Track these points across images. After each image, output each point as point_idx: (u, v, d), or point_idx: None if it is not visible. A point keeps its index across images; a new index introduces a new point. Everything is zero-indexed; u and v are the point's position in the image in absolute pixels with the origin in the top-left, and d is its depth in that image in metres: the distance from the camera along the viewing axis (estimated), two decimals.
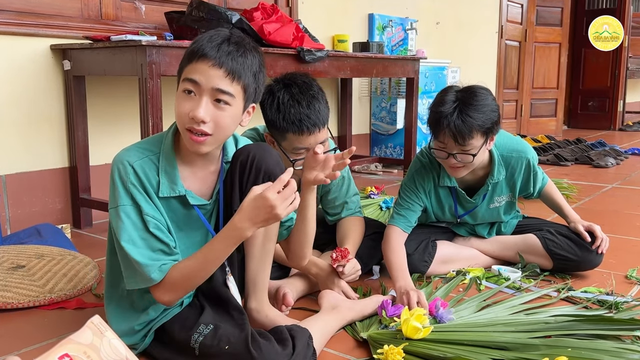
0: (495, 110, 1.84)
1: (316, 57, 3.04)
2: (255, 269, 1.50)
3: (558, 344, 1.45)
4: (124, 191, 1.33)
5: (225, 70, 1.29)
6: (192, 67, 1.30)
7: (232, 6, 3.41)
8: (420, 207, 2.04)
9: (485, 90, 1.86)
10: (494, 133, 1.87)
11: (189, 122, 1.30)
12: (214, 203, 1.47)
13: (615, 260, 2.23)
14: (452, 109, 1.79)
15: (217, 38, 1.31)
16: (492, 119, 1.82)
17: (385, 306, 1.64)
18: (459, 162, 1.86)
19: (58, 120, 2.73)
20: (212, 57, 1.28)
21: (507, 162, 2.02)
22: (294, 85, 1.75)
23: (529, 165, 2.04)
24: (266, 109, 1.76)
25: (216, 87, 1.29)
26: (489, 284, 1.99)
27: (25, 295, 1.82)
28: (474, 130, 1.79)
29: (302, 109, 1.71)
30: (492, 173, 1.99)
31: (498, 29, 6.38)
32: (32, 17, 2.61)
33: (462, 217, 2.11)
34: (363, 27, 4.56)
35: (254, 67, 1.35)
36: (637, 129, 7.84)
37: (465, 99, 1.81)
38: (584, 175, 4.34)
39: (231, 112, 1.33)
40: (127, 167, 1.34)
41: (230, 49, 1.30)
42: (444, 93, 1.87)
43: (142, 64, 2.33)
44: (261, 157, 1.45)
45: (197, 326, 1.36)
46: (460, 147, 1.82)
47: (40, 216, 2.69)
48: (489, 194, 2.05)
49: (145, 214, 1.33)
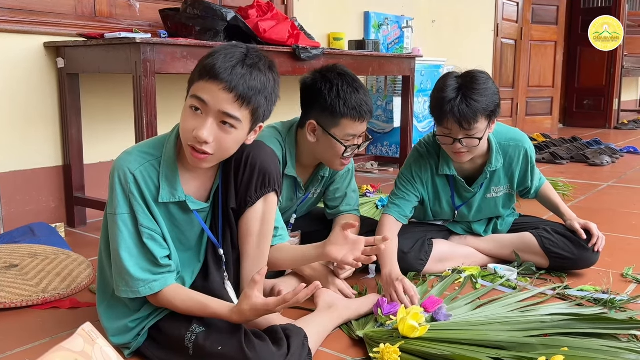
0: (496, 93, 1.87)
1: (312, 55, 3.03)
2: (251, 268, 1.49)
3: (555, 343, 1.44)
4: (123, 199, 1.33)
5: (235, 95, 1.26)
6: (202, 86, 1.28)
7: (227, 4, 3.40)
8: (417, 198, 2.04)
9: (484, 74, 1.89)
10: (496, 116, 1.89)
11: (192, 140, 1.29)
12: (211, 204, 1.46)
13: (612, 259, 2.23)
14: (455, 95, 1.82)
15: (232, 59, 1.28)
16: (494, 102, 1.85)
17: (381, 304, 1.64)
18: (464, 147, 1.88)
19: (52, 119, 2.72)
20: (223, 80, 1.26)
21: (505, 151, 2.02)
22: (348, 76, 1.84)
23: (526, 156, 2.04)
24: (324, 95, 1.80)
25: (223, 111, 1.27)
26: (485, 282, 1.99)
27: (18, 294, 1.80)
28: (478, 114, 1.81)
29: (360, 96, 1.80)
30: (490, 161, 2.00)
31: (494, 27, 6.38)
32: (25, 14, 2.59)
33: (459, 208, 2.10)
34: (359, 25, 4.55)
35: (267, 89, 1.32)
36: (633, 127, 7.86)
37: (467, 84, 1.84)
38: (580, 173, 4.34)
39: (236, 135, 1.31)
40: (127, 175, 1.33)
41: (243, 72, 1.27)
42: (445, 79, 1.89)
43: (137, 61, 2.31)
44: (256, 155, 1.44)
45: (191, 325, 1.35)
46: (466, 132, 1.84)
47: (33, 215, 2.67)
48: (486, 183, 2.05)
49: (140, 225, 1.33)
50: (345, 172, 2.05)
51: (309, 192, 2.01)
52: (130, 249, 1.33)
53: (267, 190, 1.45)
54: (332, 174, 2.04)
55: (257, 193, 1.44)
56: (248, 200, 1.44)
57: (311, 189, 2.02)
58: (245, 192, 1.43)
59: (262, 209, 1.46)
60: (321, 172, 1.99)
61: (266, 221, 1.47)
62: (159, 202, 1.36)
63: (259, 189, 1.44)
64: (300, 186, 1.96)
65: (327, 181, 2.06)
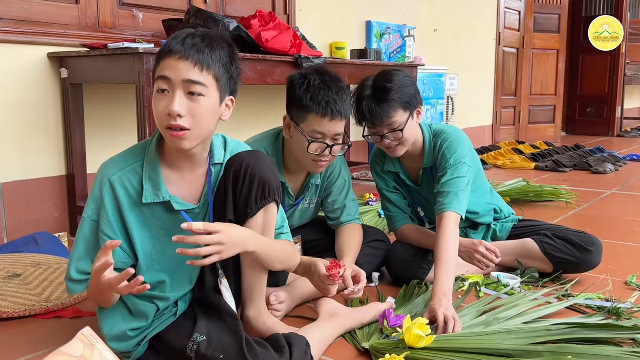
0: (410, 85, 1.94)
1: (314, 64, 3.04)
2: (251, 277, 1.49)
3: (561, 350, 1.43)
4: (94, 205, 1.39)
5: (192, 60, 1.29)
6: (161, 65, 1.31)
7: (230, 14, 3.42)
8: (401, 195, 2.14)
9: (397, 71, 1.97)
10: (414, 106, 1.94)
11: (166, 119, 1.30)
12: (202, 207, 1.45)
13: (615, 266, 2.22)
14: (368, 93, 1.92)
15: (181, 34, 1.33)
16: (408, 93, 1.92)
17: (387, 316, 1.62)
18: (394, 141, 1.95)
19: (55, 128, 2.73)
20: (178, 51, 1.29)
21: (434, 146, 2.04)
22: (327, 75, 1.84)
23: (443, 145, 2.00)
24: (295, 88, 1.81)
25: (187, 79, 1.29)
26: (489, 290, 1.98)
27: (21, 304, 1.81)
28: (391, 109, 1.88)
29: (330, 94, 1.78)
30: (424, 157, 2.05)
31: (496, 35, 6.39)
32: (29, 25, 2.60)
33: (421, 203, 2.16)
34: (361, 34, 4.56)
35: (224, 58, 1.35)
36: (636, 135, 7.85)
37: (378, 82, 1.92)
38: (583, 181, 4.33)
39: (206, 103, 1.32)
40: (104, 181, 1.38)
41: (195, 41, 1.31)
42: (362, 82, 1.99)
43: (140, 71, 2.33)
44: (255, 166, 1.43)
45: (193, 334, 1.34)
46: (388, 127, 1.92)
47: (37, 224, 2.67)
48: (427, 178, 2.08)
49: (101, 231, 1.37)
50: (341, 183, 2.04)
51: (300, 199, 2.01)
52: (79, 250, 1.38)
53: (268, 201, 1.45)
54: (326, 184, 2.03)
55: (258, 204, 1.44)
56: (249, 211, 1.44)
57: (305, 198, 2.02)
58: (245, 204, 1.43)
59: (263, 219, 1.46)
60: (312, 180, 1.99)
61: (267, 231, 1.47)
62: (142, 205, 1.37)
63: (259, 200, 1.43)
64: (289, 192, 1.96)
65: (322, 191, 2.05)
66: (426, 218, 2.18)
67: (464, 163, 1.94)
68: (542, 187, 3.58)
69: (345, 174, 2.06)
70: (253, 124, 3.41)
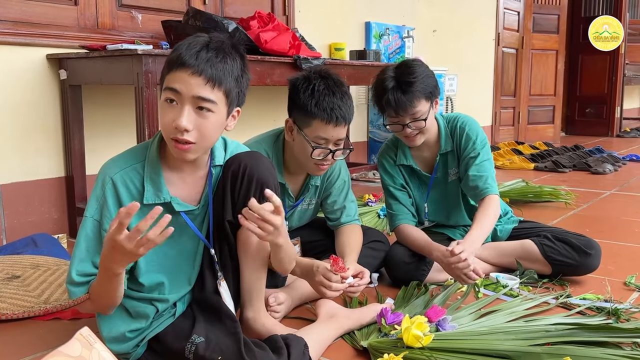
0: (431, 76, 1.99)
1: (312, 65, 3.04)
2: (250, 278, 1.49)
3: (559, 351, 1.43)
4: (96, 205, 1.36)
5: (205, 77, 1.28)
6: (172, 76, 1.29)
7: (229, 15, 3.42)
8: (407, 193, 2.14)
9: (417, 61, 2.03)
10: (435, 96, 2.01)
11: (173, 132, 1.29)
12: (202, 208, 1.45)
13: (614, 267, 2.22)
14: (392, 85, 1.95)
15: (195, 45, 1.30)
16: (430, 84, 1.97)
17: (385, 314, 1.62)
18: (414, 130, 1.99)
19: (54, 130, 2.73)
20: (191, 65, 1.27)
21: (452, 131, 2.10)
22: (330, 79, 1.82)
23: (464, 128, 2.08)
24: (299, 93, 1.80)
25: (197, 95, 1.28)
26: (487, 291, 1.98)
27: (20, 306, 1.81)
28: (415, 98, 1.93)
29: (335, 100, 1.77)
30: (441, 143, 2.10)
31: (495, 36, 6.39)
32: (28, 26, 2.60)
33: (429, 197, 2.17)
34: (360, 35, 4.56)
35: (235, 71, 1.34)
36: (635, 135, 7.85)
37: (401, 73, 1.96)
38: (582, 181, 4.34)
39: (214, 119, 1.32)
40: (106, 181, 1.36)
41: (209, 55, 1.29)
42: (383, 72, 2.01)
43: (139, 72, 2.33)
44: (253, 166, 1.44)
45: (191, 336, 1.34)
46: (411, 116, 1.95)
47: (36, 226, 2.67)
48: (442, 165, 2.12)
49: (104, 229, 1.34)
50: (341, 184, 2.04)
51: (300, 200, 2.01)
52: (81, 251, 1.35)
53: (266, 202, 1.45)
54: (326, 185, 2.04)
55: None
56: None
57: (304, 199, 2.02)
58: (244, 204, 1.43)
59: None
60: (312, 181, 1.99)
61: None
62: (142, 206, 1.36)
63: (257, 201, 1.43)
64: (289, 193, 1.96)
65: (322, 192, 2.05)
66: (427, 216, 2.18)
67: (487, 144, 2.08)
68: (542, 187, 3.58)
69: (344, 175, 2.06)
70: (252, 125, 3.41)
